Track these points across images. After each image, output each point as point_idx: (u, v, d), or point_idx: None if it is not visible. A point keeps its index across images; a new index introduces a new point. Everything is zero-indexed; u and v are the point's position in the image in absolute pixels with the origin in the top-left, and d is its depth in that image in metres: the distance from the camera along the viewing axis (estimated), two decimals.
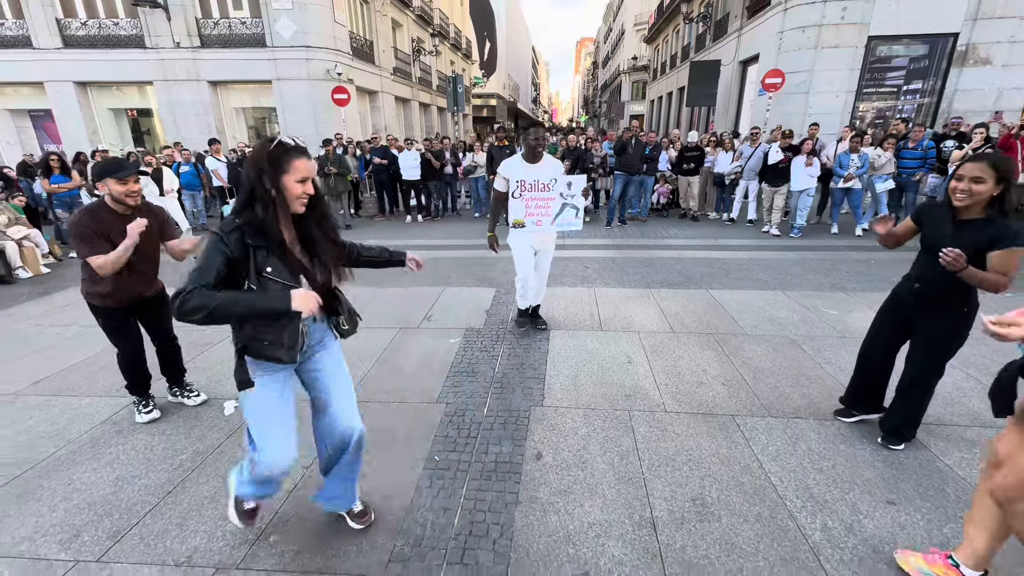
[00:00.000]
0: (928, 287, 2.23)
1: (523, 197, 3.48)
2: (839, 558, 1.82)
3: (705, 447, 2.49)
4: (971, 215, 2.04)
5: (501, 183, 3.58)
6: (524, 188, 3.46)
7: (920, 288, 2.26)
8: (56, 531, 2.04)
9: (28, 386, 3.32)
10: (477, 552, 1.88)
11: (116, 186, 2.41)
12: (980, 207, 2.01)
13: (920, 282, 2.26)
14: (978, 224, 2.02)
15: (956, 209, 2.06)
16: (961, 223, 2.07)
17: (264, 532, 2.01)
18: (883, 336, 2.46)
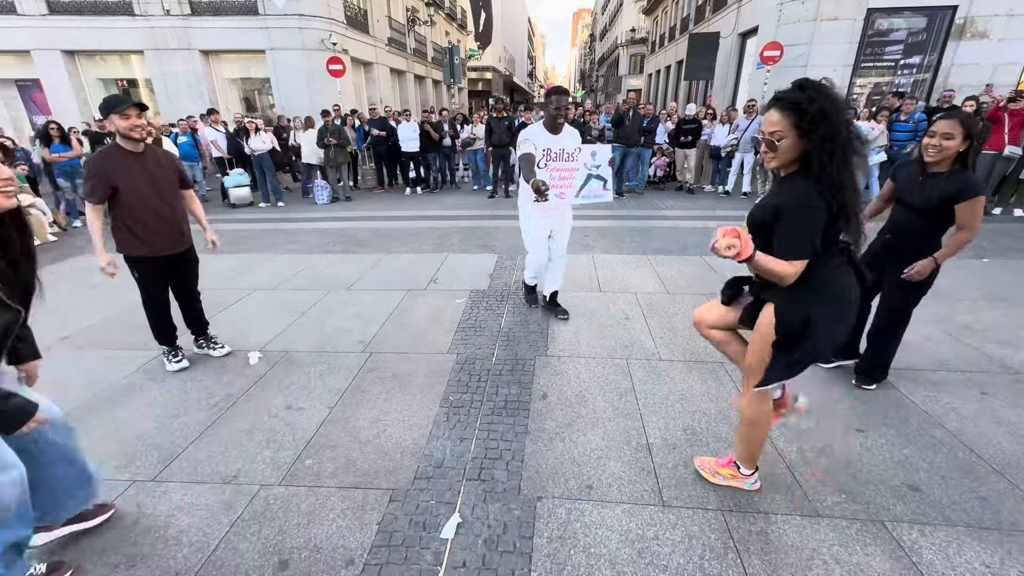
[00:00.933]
0: (898, 238, 2.44)
1: (547, 166, 3.17)
2: (811, 473, 2.07)
3: (696, 388, 2.73)
4: (939, 169, 2.24)
5: (529, 146, 3.07)
6: (550, 157, 3.16)
7: (891, 239, 2.47)
8: (111, 458, 2.26)
9: (56, 341, 3.50)
10: (493, 471, 2.12)
11: (120, 121, 2.50)
12: (947, 162, 2.20)
13: (892, 233, 2.47)
14: (944, 176, 2.22)
15: (926, 164, 2.26)
16: (928, 176, 2.27)
17: (300, 457, 2.23)
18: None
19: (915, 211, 2.32)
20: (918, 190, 2.29)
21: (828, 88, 1.45)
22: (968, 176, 2.18)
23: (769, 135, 1.50)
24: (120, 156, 2.60)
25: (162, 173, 2.75)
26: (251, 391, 2.80)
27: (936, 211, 2.23)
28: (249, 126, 8.54)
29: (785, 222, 1.51)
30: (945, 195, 2.19)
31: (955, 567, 1.64)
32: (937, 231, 2.31)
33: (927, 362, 2.96)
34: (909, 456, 2.16)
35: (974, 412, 2.47)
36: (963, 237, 2.22)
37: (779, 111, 1.46)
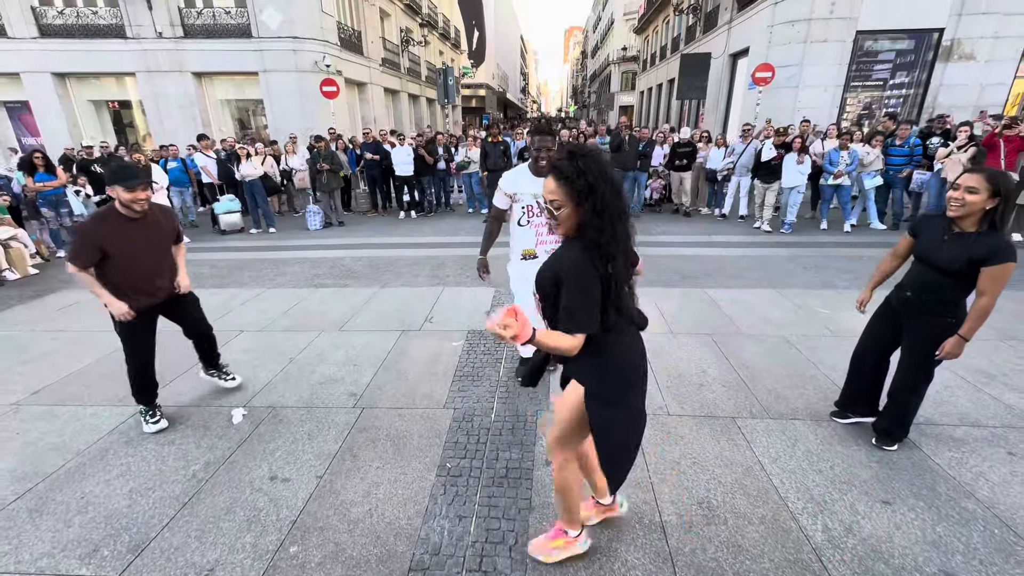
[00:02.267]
0: (918, 296, 2.32)
1: (531, 223, 2.84)
2: (840, 558, 1.91)
3: (709, 450, 2.58)
4: (965, 227, 2.13)
5: (501, 199, 2.89)
6: (532, 214, 2.81)
7: (910, 296, 2.35)
8: (74, 546, 2.06)
9: (28, 396, 3.30)
10: (495, 559, 1.94)
11: (124, 193, 2.45)
12: (974, 220, 2.09)
13: (911, 290, 2.35)
14: (971, 237, 2.10)
15: (951, 220, 2.15)
16: (955, 235, 2.16)
17: (283, 544, 2.05)
18: (875, 342, 2.57)
19: (939, 271, 2.20)
20: (944, 249, 2.18)
21: (598, 157, 1.45)
22: (1000, 238, 2.06)
23: (549, 203, 1.48)
24: (117, 222, 2.54)
25: (158, 235, 2.71)
26: (233, 456, 2.61)
27: (963, 272, 2.12)
28: (240, 152, 8.40)
29: (564, 290, 1.46)
30: (975, 257, 2.07)
31: None
32: (963, 292, 2.19)
33: (948, 416, 2.82)
34: (942, 535, 2.01)
35: (1004, 477, 2.33)
36: (986, 304, 2.10)
37: (555, 180, 1.45)
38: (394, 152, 9.31)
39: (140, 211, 2.54)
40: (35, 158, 7.02)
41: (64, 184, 7.24)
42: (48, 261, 7.06)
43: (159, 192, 7.87)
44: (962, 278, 2.14)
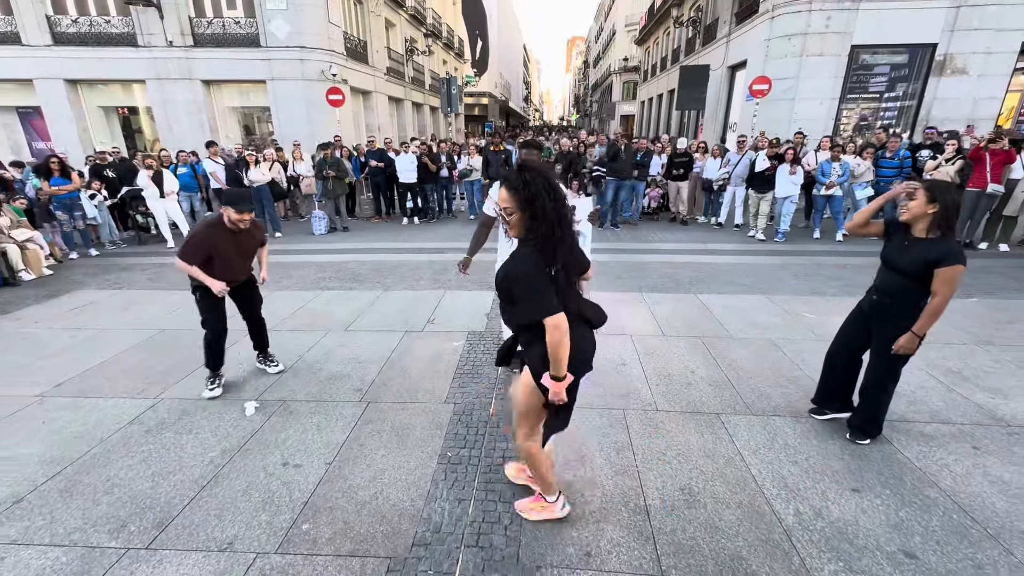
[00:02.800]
0: (884, 298, 2.51)
1: None
2: (808, 539, 2.08)
3: (693, 443, 2.75)
4: (919, 233, 2.33)
5: (491, 207, 3.11)
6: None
7: (877, 299, 2.54)
8: (103, 522, 2.23)
9: (51, 388, 3.48)
10: (491, 536, 2.11)
11: (233, 214, 3.04)
12: (924, 227, 2.29)
13: (878, 294, 2.54)
14: (926, 242, 2.30)
15: (909, 227, 2.36)
16: (913, 240, 2.35)
17: (296, 522, 2.22)
18: (847, 342, 2.75)
19: (902, 273, 2.39)
20: (905, 253, 2.37)
21: (542, 171, 1.68)
22: (951, 244, 2.26)
23: (503, 210, 1.71)
24: (223, 232, 3.11)
25: (250, 244, 3.30)
26: (248, 445, 2.79)
27: (921, 275, 2.30)
28: (249, 158, 8.64)
29: (518, 287, 1.69)
30: (929, 259, 2.26)
31: None
32: (922, 294, 2.37)
33: (919, 413, 2.99)
34: (904, 519, 2.18)
35: (967, 470, 2.50)
36: (938, 304, 2.28)
37: (506, 190, 1.68)
38: (398, 159, 9.54)
39: (243, 228, 3.12)
40: (51, 162, 7.24)
41: (78, 188, 7.46)
42: (61, 263, 7.26)
43: (169, 197, 8.11)
44: (921, 280, 2.32)
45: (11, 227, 6.38)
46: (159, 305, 5.18)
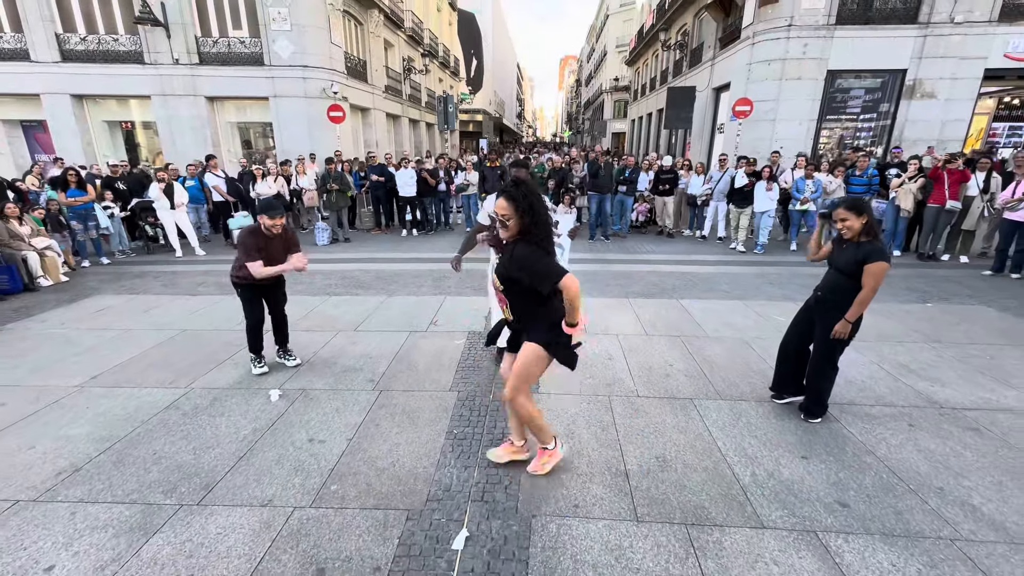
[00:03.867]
0: (826, 294, 2.95)
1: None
2: (760, 493, 2.47)
3: (668, 422, 3.14)
4: (853, 239, 2.78)
5: (484, 217, 3.51)
6: None
7: (821, 295, 2.98)
8: (156, 485, 2.57)
9: (88, 380, 3.81)
10: (494, 493, 2.48)
11: (267, 220, 3.48)
12: (856, 234, 2.75)
13: (821, 290, 2.98)
14: (857, 245, 2.76)
15: (844, 236, 2.81)
16: (848, 244, 2.81)
17: (325, 484, 2.57)
18: (797, 333, 3.18)
19: (839, 271, 2.84)
20: (842, 255, 2.82)
21: (532, 187, 2.21)
22: (877, 245, 2.72)
23: (502, 216, 2.14)
24: (261, 236, 3.57)
25: (282, 246, 3.70)
26: (275, 425, 3.14)
27: (855, 272, 2.75)
28: (256, 172, 9.04)
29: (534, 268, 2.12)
30: (859, 258, 2.71)
31: (869, 567, 2.04)
32: (856, 290, 2.80)
33: (867, 398, 3.42)
34: (843, 478, 2.58)
35: (901, 441, 2.91)
36: (865, 295, 2.73)
37: (506, 201, 2.12)
38: (398, 174, 9.99)
39: (276, 233, 3.57)
40: (69, 175, 7.60)
41: (94, 199, 7.81)
42: (74, 270, 7.55)
43: (180, 208, 8.47)
44: (854, 277, 2.76)
45: (31, 235, 6.70)
46: (177, 309, 5.52)
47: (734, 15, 15.18)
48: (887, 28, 12.62)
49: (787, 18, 12.71)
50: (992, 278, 6.55)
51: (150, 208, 8.64)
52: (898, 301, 5.55)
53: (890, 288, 6.08)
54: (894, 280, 6.47)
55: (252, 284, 3.68)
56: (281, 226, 3.57)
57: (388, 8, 18.73)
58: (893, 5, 12.66)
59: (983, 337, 4.51)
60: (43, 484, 2.59)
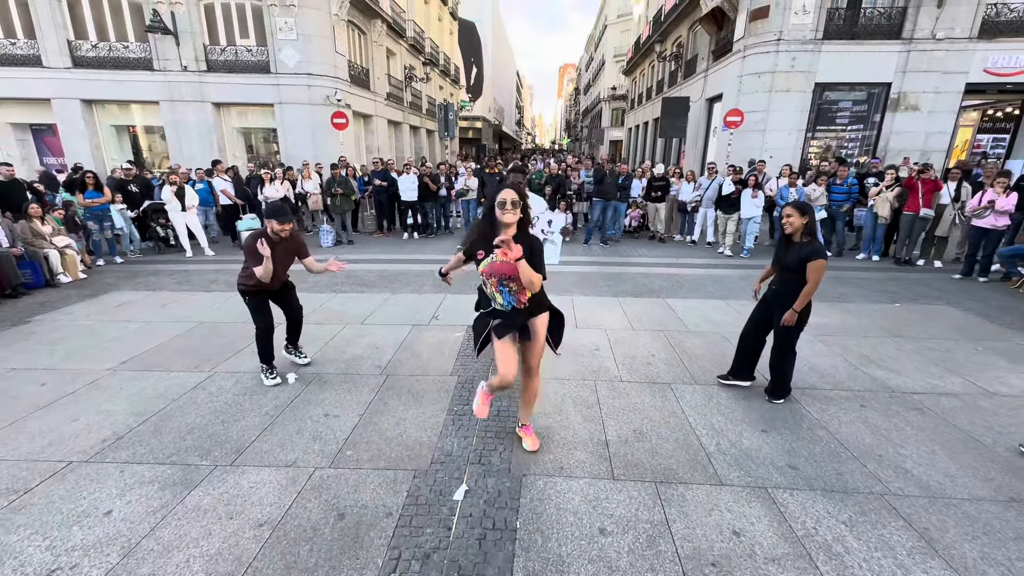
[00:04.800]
0: (779, 289, 3.33)
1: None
2: (722, 459, 2.83)
3: (647, 402, 3.50)
4: (796, 239, 3.17)
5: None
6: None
7: (775, 289, 3.36)
8: (192, 450, 2.92)
9: (118, 365, 4.15)
10: (490, 458, 2.83)
11: (275, 224, 3.54)
12: (799, 234, 3.14)
13: (775, 286, 3.37)
14: (800, 245, 3.15)
15: (789, 237, 3.20)
16: (793, 244, 3.20)
17: (341, 449, 2.92)
18: (754, 324, 3.57)
19: (788, 269, 3.22)
20: (788, 254, 3.21)
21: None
22: (816, 244, 3.11)
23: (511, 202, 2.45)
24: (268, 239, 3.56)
25: (289, 250, 3.78)
26: (294, 403, 3.49)
27: (800, 269, 3.13)
28: (265, 176, 9.41)
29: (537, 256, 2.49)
30: (802, 256, 3.10)
31: (808, 514, 2.40)
32: (802, 283, 3.18)
33: (827, 384, 3.79)
34: (796, 447, 2.94)
35: (852, 419, 3.28)
36: (809, 288, 3.12)
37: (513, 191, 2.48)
38: (401, 179, 10.38)
39: (283, 237, 3.63)
40: (87, 177, 7.96)
41: (110, 201, 8.17)
42: (89, 268, 7.89)
43: (191, 210, 8.84)
44: (800, 273, 3.14)
45: (52, 234, 7.05)
46: (193, 304, 5.87)
47: (727, 29, 15.68)
48: (872, 43, 13.13)
49: (776, 32, 13.21)
50: (961, 281, 6.94)
51: (161, 210, 9.01)
52: (870, 301, 5.93)
53: (864, 289, 6.47)
54: (870, 283, 6.86)
55: (259, 291, 3.72)
56: (287, 232, 3.62)
57: (391, 18, 19.23)
58: (878, 21, 13.18)
59: (942, 333, 4.89)
60: (91, 448, 2.94)
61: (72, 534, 2.27)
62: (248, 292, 3.73)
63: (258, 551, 2.17)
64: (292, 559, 2.12)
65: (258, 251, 3.41)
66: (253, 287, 3.67)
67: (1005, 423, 3.24)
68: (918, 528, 2.31)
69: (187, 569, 2.08)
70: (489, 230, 2.51)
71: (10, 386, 3.75)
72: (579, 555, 2.15)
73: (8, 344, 4.62)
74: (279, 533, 2.27)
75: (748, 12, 13.67)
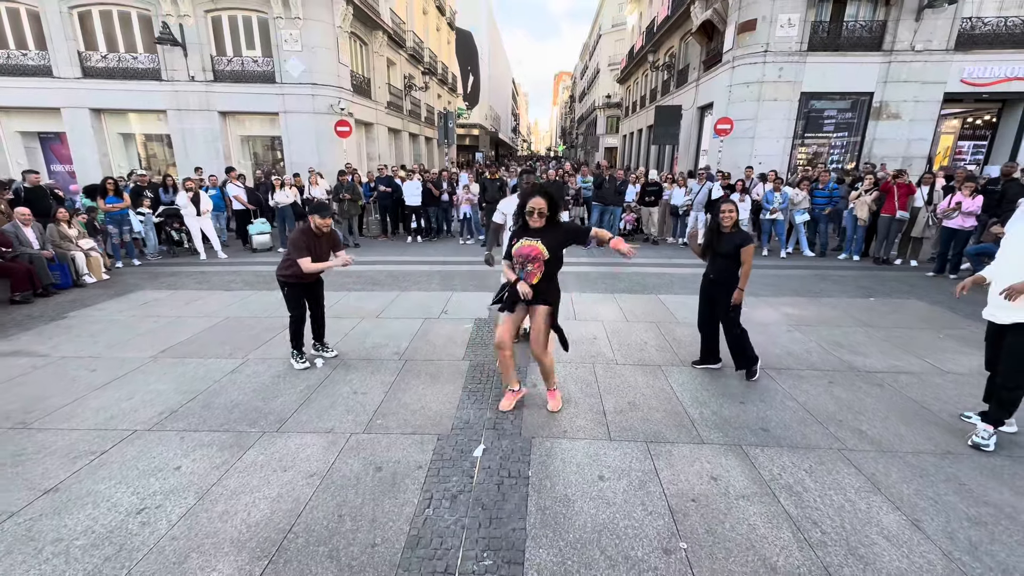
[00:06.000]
0: (716, 276, 3.84)
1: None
2: (704, 423, 3.27)
3: (640, 381, 3.93)
4: (727, 231, 3.69)
5: (500, 216, 4.43)
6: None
7: (712, 277, 3.87)
8: (240, 420, 3.32)
9: (158, 353, 4.55)
10: (503, 424, 3.25)
11: (318, 220, 3.93)
12: (730, 226, 3.63)
13: (712, 274, 3.87)
14: (731, 234, 3.67)
15: (718, 229, 3.73)
16: (722, 235, 3.70)
17: (372, 419, 3.34)
18: (703, 313, 4.05)
19: (724, 256, 3.70)
20: (722, 243, 3.70)
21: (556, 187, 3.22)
22: (745, 232, 3.69)
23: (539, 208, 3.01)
24: (311, 234, 3.99)
25: (328, 244, 4.14)
26: (324, 383, 3.89)
27: (734, 255, 3.62)
28: (275, 182, 9.84)
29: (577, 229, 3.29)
30: (736, 243, 3.60)
31: (774, 464, 2.83)
32: (736, 268, 3.66)
33: (800, 365, 4.24)
34: (768, 415, 3.38)
35: (819, 391, 3.72)
36: (745, 269, 3.64)
37: (543, 198, 3.03)
38: (405, 185, 10.83)
39: (325, 232, 4.02)
40: (107, 183, 8.36)
41: (128, 206, 8.57)
42: (110, 270, 8.26)
43: (206, 215, 9.24)
44: (734, 259, 3.62)
45: (78, 237, 7.43)
46: (215, 301, 6.27)
47: (716, 40, 16.30)
48: (854, 55, 13.74)
49: (763, 45, 13.80)
50: (934, 279, 7.44)
51: (176, 214, 9.41)
52: (847, 296, 6.40)
53: (843, 286, 6.95)
54: (848, 279, 7.35)
55: (298, 283, 4.07)
56: (328, 226, 4.02)
57: (392, 29, 19.77)
58: (860, 34, 13.80)
59: (909, 323, 5.36)
60: (150, 420, 3.34)
61: (151, 483, 2.67)
62: (287, 283, 4.10)
63: (312, 494, 2.57)
64: (342, 499, 2.53)
65: (302, 246, 3.86)
66: (293, 279, 4.04)
67: (952, 395, 3.69)
68: (866, 474, 2.75)
69: (255, 507, 2.48)
70: (522, 227, 3.16)
71: (65, 370, 4.14)
72: (582, 495, 2.57)
73: (51, 336, 5.00)
74: (328, 481, 2.68)
75: (736, 25, 14.27)
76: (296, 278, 4.04)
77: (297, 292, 4.15)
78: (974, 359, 4.39)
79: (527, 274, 3.11)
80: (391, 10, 20.16)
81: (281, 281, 4.14)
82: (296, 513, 2.43)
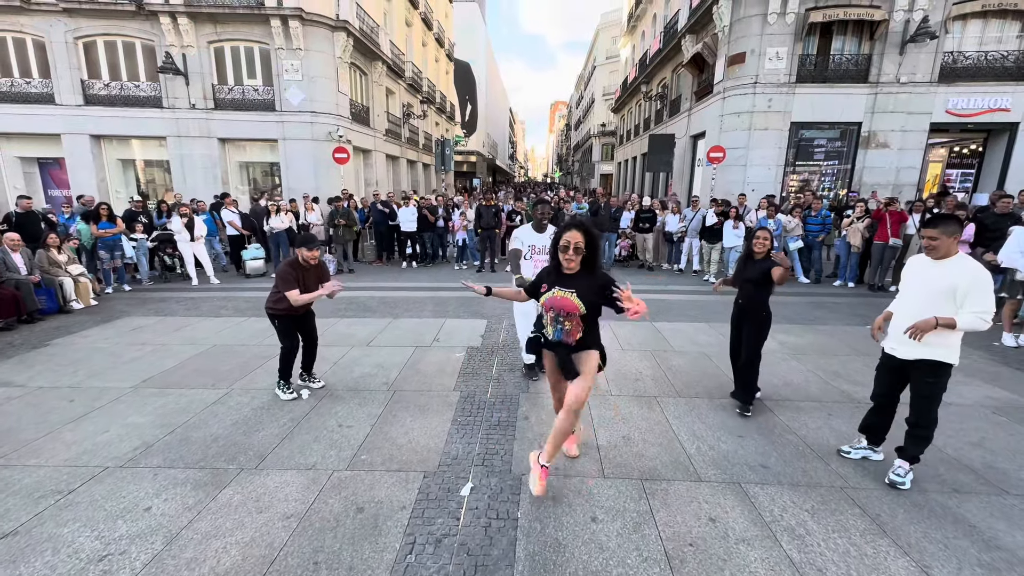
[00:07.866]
0: (744, 303, 3.76)
1: (532, 259, 4.17)
2: (701, 459, 3.14)
3: (635, 413, 3.82)
4: (758, 257, 3.64)
5: (518, 243, 4.26)
6: (535, 252, 4.18)
7: (741, 304, 3.78)
8: (218, 456, 3.18)
9: (140, 383, 4.41)
10: (492, 460, 3.12)
11: (305, 252, 3.87)
12: (763, 253, 3.59)
13: (741, 300, 3.79)
14: (761, 261, 3.63)
15: (749, 255, 3.68)
16: (753, 261, 3.65)
17: (357, 454, 3.20)
18: (735, 339, 3.95)
19: (751, 282, 3.65)
20: (750, 269, 3.65)
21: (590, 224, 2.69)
22: (772, 259, 3.58)
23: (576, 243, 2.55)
24: (299, 266, 3.93)
25: (317, 275, 4.05)
26: (309, 415, 3.76)
27: (761, 281, 3.57)
28: (271, 208, 9.85)
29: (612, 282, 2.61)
30: (764, 268, 3.55)
31: (776, 504, 2.70)
32: (764, 293, 3.61)
33: (798, 396, 4.13)
34: (767, 450, 3.26)
35: (818, 425, 3.62)
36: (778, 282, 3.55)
37: (580, 233, 2.57)
38: (401, 211, 10.86)
39: (313, 264, 3.96)
40: (101, 209, 8.33)
41: (122, 231, 8.52)
42: (99, 296, 8.15)
43: (199, 240, 9.20)
44: (760, 284, 3.57)
45: (67, 263, 7.35)
46: (204, 328, 6.15)
47: (707, 72, 16.72)
48: (842, 86, 14.08)
49: (753, 76, 14.15)
50: None
51: (169, 239, 9.36)
52: (843, 324, 6.34)
53: (838, 313, 6.90)
54: (843, 306, 7.30)
55: (288, 315, 3.98)
56: (316, 259, 3.94)
57: (391, 60, 20.22)
58: (846, 67, 14.19)
59: None
60: (124, 455, 3.19)
61: (117, 526, 2.52)
62: (277, 316, 4.01)
63: (288, 538, 2.43)
64: (319, 544, 2.39)
65: (290, 279, 3.80)
66: (283, 311, 3.94)
67: (956, 428, 3.59)
68: (871, 514, 2.63)
69: (225, 553, 2.33)
70: (554, 267, 2.71)
71: (41, 401, 4.00)
72: (574, 538, 2.44)
73: (31, 365, 4.86)
74: (305, 523, 2.54)
75: (726, 58, 14.66)
76: (286, 311, 3.94)
77: (287, 324, 4.06)
78: (977, 390, 4.31)
79: (565, 333, 2.69)
80: (391, 42, 20.66)
81: (271, 314, 4.05)
82: (269, 560, 2.29)
